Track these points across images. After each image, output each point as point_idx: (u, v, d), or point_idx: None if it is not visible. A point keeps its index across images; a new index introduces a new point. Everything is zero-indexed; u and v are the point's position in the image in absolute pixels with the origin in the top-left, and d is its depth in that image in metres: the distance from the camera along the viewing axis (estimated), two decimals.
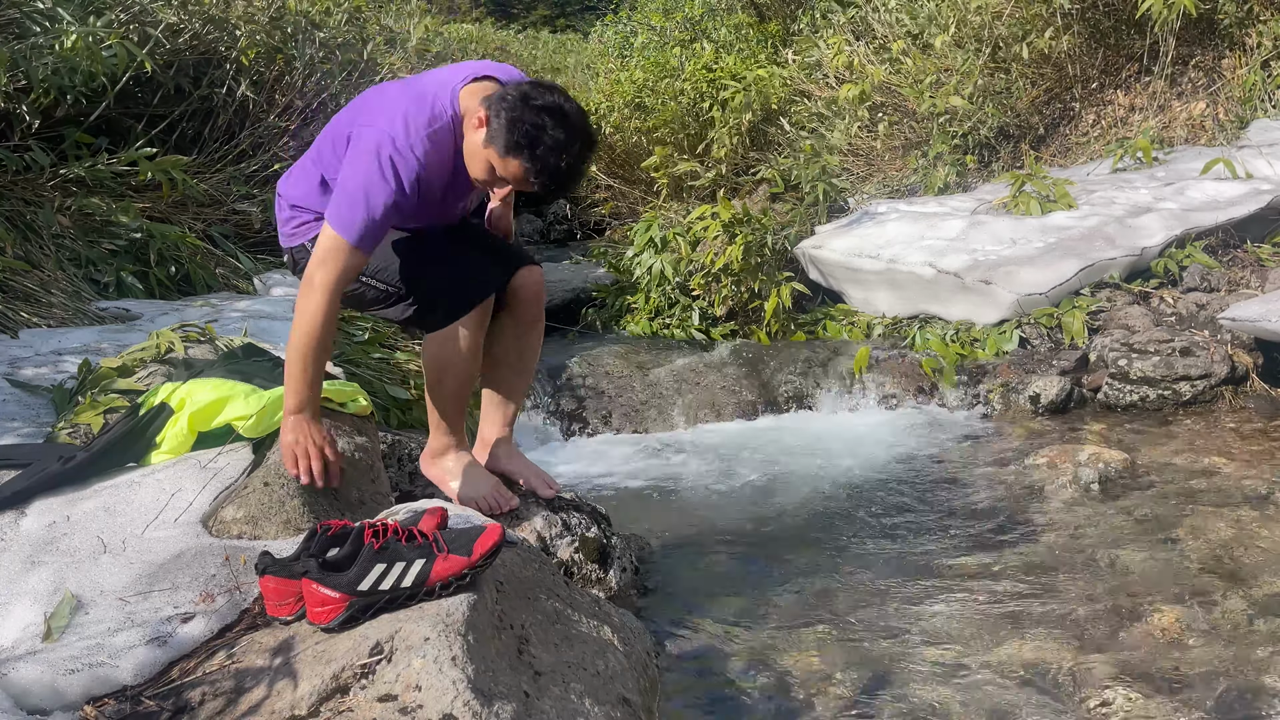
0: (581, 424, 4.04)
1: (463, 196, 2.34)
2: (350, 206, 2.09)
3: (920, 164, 6.10)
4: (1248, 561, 2.57)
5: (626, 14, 9.94)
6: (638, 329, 5.12)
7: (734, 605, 2.51)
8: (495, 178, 2.12)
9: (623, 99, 7.26)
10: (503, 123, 2.02)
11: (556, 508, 2.56)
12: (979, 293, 4.37)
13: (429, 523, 1.75)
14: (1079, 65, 6.24)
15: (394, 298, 2.35)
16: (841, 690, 2.10)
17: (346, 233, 2.08)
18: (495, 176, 2.11)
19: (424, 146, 2.10)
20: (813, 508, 3.15)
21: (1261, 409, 3.71)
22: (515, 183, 2.11)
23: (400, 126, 2.09)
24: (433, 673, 1.47)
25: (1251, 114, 5.63)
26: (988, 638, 2.29)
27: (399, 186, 2.08)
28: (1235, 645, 2.19)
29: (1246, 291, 4.29)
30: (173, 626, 1.68)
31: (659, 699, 2.01)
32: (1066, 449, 3.36)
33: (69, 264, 3.92)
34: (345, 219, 2.09)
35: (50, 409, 2.56)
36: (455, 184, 2.24)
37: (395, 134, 2.08)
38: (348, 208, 2.09)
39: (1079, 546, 2.73)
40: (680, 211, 6.37)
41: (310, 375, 2.10)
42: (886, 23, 6.73)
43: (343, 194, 2.11)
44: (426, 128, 2.11)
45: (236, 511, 2.00)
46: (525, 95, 2.04)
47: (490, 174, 2.11)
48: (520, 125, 2.01)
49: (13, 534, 1.91)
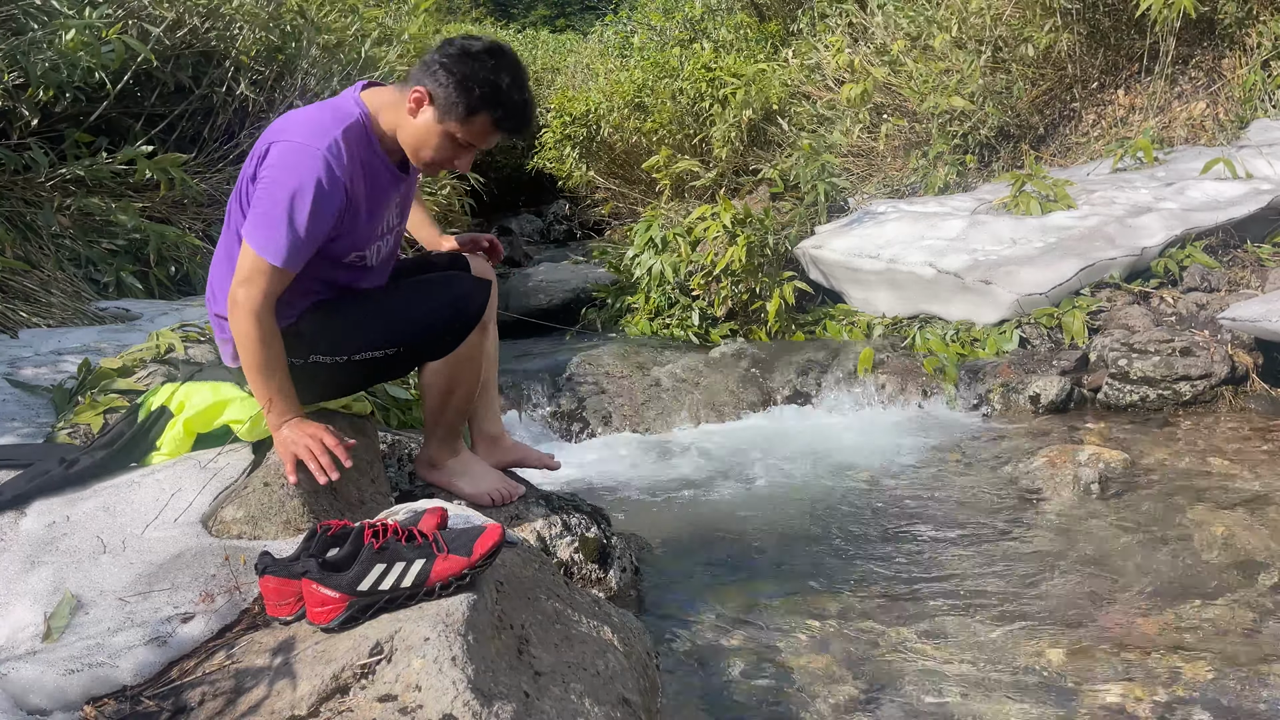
0: (581, 424, 4.04)
1: (385, 204, 2.20)
2: (271, 224, 1.98)
3: (920, 164, 6.10)
4: (1248, 561, 2.57)
5: (626, 14, 9.94)
6: (638, 329, 5.12)
7: (734, 605, 2.51)
8: (457, 150, 2.08)
9: (622, 99, 7.26)
10: (454, 86, 2.00)
11: (556, 508, 2.56)
12: (979, 293, 4.37)
13: (429, 523, 1.75)
14: (1079, 65, 6.24)
15: (398, 357, 2.24)
16: (841, 690, 2.10)
17: (270, 254, 1.99)
18: (457, 148, 2.08)
19: (340, 147, 2.01)
20: (813, 507, 3.15)
21: (1262, 409, 3.71)
22: (481, 139, 2.08)
23: (311, 132, 2.01)
24: (433, 673, 1.47)
25: (1251, 114, 5.63)
26: (988, 637, 2.29)
27: (318, 189, 1.98)
28: (1236, 645, 2.19)
29: (1246, 291, 4.29)
30: (172, 626, 1.68)
31: (659, 699, 2.01)
32: (1066, 449, 3.36)
33: (69, 264, 3.92)
34: (266, 238, 1.99)
35: (50, 409, 2.56)
36: (375, 190, 2.14)
37: (309, 140, 1.99)
38: (268, 226, 1.98)
39: (1079, 546, 2.73)
40: (680, 211, 6.37)
41: (277, 384, 2.06)
42: (885, 25, 6.73)
43: (262, 211, 2.00)
44: (337, 126, 2.03)
45: (236, 511, 2.00)
46: (464, 50, 2.02)
47: (449, 149, 2.08)
48: (475, 80, 2.00)
49: (13, 534, 1.91)
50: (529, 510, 2.50)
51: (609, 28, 10.37)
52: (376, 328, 2.20)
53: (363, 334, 2.19)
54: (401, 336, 2.21)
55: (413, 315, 2.22)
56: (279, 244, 1.99)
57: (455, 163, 2.13)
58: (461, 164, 2.14)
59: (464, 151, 2.10)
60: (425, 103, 2.04)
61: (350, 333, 2.19)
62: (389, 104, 2.10)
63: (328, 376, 2.23)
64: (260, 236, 1.99)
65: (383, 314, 2.21)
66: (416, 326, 2.22)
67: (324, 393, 2.31)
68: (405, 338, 2.21)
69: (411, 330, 2.22)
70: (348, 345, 2.20)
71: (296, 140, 2.00)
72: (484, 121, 2.04)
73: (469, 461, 2.45)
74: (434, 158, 2.10)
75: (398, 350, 2.22)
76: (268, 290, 2.01)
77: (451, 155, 2.10)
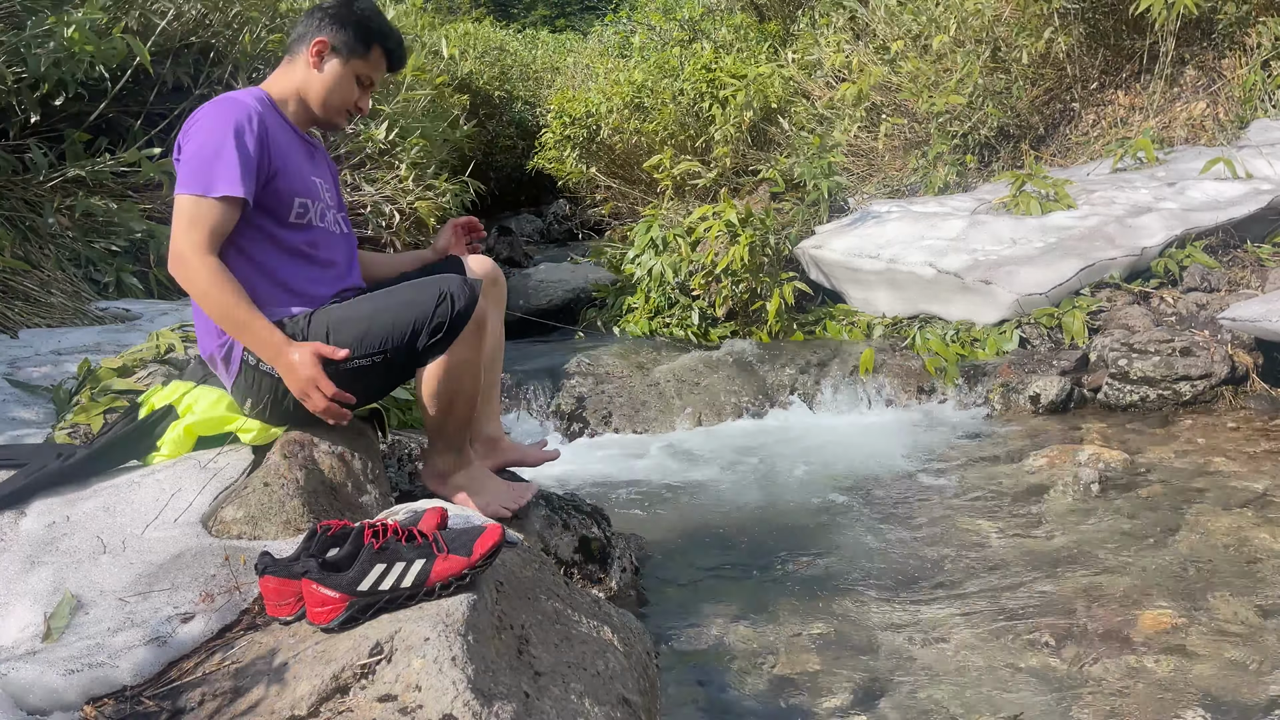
0: (581, 424, 4.04)
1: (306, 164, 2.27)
2: (199, 165, 2.03)
3: (920, 164, 6.10)
4: (1248, 561, 2.57)
5: (626, 14, 9.94)
6: (638, 329, 5.12)
7: (734, 605, 2.51)
8: (360, 90, 2.30)
9: (621, 99, 7.26)
10: (351, 28, 2.25)
11: (556, 508, 2.56)
12: (979, 293, 4.37)
13: (429, 523, 1.75)
14: (1079, 65, 6.24)
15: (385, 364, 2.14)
16: (841, 690, 2.10)
17: (200, 187, 2.02)
18: (359, 88, 2.30)
19: (249, 98, 2.16)
20: (813, 507, 3.14)
21: (1262, 409, 3.71)
22: (377, 72, 2.32)
23: (219, 99, 2.15)
24: (433, 673, 1.47)
25: (1251, 114, 5.63)
26: (987, 637, 2.28)
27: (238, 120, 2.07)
28: (1236, 645, 2.19)
29: (1246, 291, 4.29)
30: (172, 626, 1.68)
31: (659, 699, 2.01)
32: (1066, 449, 3.36)
33: (69, 264, 3.92)
34: (193, 177, 2.03)
35: (50, 409, 2.56)
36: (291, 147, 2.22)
37: (219, 100, 2.14)
38: (195, 168, 2.04)
39: (1079, 546, 2.73)
40: (681, 211, 6.37)
41: (258, 319, 2.06)
42: (885, 21, 6.73)
43: (189, 161, 2.06)
44: (244, 92, 2.20)
45: (236, 511, 2.00)
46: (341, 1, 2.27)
47: (354, 89, 2.28)
48: (365, 18, 2.27)
49: (13, 534, 1.91)
50: (529, 510, 2.49)
51: (608, 28, 10.37)
52: (357, 335, 2.12)
53: (345, 342, 2.12)
54: (383, 342, 2.11)
55: (392, 318, 2.13)
56: (207, 175, 2.04)
57: (358, 104, 2.32)
58: (363, 103, 2.34)
59: (364, 91, 2.32)
60: (326, 51, 2.25)
61: (334, 341, 2.12)
62: (278, 75, 2.29)
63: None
64: (189, 180, 2.04)
65: (363, 320, 2.13)
66: (397, 330, 2.11)
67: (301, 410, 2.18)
68: (387, 343, 2.11)
69: (391, 334, 2.12)
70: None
71: (213, 101, 2.15)
72: (379, 53, 2.30)
73: (477, 474, 2.34)
74: (343, 101, 2.28)
75: (382, 356, 2.12)
76: (209, 228, 2.03)
77: (356, 96, 2.30)
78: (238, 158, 2.04)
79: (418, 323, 2.09)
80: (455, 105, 7.28)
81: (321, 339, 2.12)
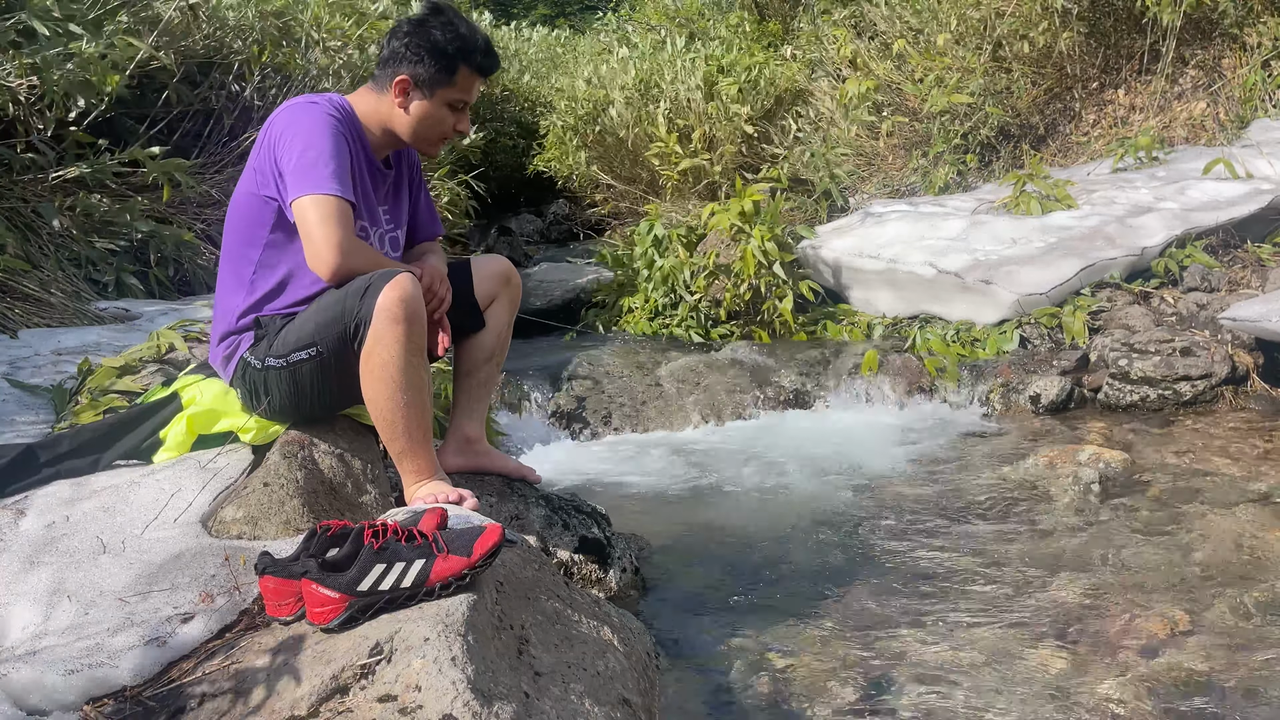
0: (581, 424, 4.04)
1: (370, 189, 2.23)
2: (310, 165, 2.01)
3: (921, 164, 6.10)
4: (1248, 561, 2.57)
5: (626, 12, 9.94)
6: (638, 329, 5.12)
7: (734, 605, 2.51)
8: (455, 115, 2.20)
9: (622, 97, 7.25)
10: (429, 58, 2.12)
11: (556, 508, 2.56)
12: (979, 293, 4.37)
13: (429, 523, 1.75)
14: (1080, 65, 6.24)
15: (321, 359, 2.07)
16: (842, 690, 2.10)
17: (326, 187, 2.00)
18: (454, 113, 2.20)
19: (336, 107, 2.13)
20: (813, 508, 3.14)
21: (1262, 409, 3.71)
22: (469, 92, 2.19)
23: (308, 100, 2.12)
24: (433, 673, 1.47)
25: (1252, 114, 5.63)
26: (988, 638, 2.28)
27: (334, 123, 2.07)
28: (1236, 645, 2.19)
29: (1247, 291, 4.29)
30: (172, 627, 1.67)
31: (659, 699, 2.01)
32: (1067, 449, 3.36)
33: (69, 264, 3.91)
34: (314, 178, 2.00)
35: (50, 409, 2.56)
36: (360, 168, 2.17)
37: (309, 102, 2.11)
38: (309, 168, 2.01)
39: (1079, 546, 2.73)
40: (682, 210, 6.37)
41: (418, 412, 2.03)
42: (887, 17, 6.72)
43: (295, 162, 2.02)
44: (326, 98, 2.15)
45: (236, 511, 2.00)
46: (414, 25, 2.13)
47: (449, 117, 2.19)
48: (442, 42, 2.11)
49: (12, 534, 1.91)
50: (529, 510, 2.49)
51: (608, 27, 10.36)
52: (300, 326, 2.09)
53: (295, 335, 2.09)
54: (313, 333, 2.06)
55: (316, 308, 2.08)
56: (326, 175, 2.02)
57: (458, 128, 2.24)
58: (462, 125, 2.24)
59: (460, 114, 2.22)
60: (409, 87, 2.14)
61: (289, 335, 2.09)
62: (365, 96, 2.20)
63: (290, 387, 2.12)
64: (308, 181, 2.01)
65: (309, 313, 2.10)
66: (315, 319, 2.06)
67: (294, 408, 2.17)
68: (317, 335, 2.06)
69: (312, 326, 2.06)
70: (285, 347, 2.10)
71: (298, 102, 2.12)
72: (466, 73, 2.16)
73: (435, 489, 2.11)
74: (440, 132, 2.21)
75: (317, 350, 2.06)
76: (342, 227, 2.01)
77: (453, 122, 2.21)
78: (338, 164, 2.04)
79: (341, 316, 2.02)
80: None
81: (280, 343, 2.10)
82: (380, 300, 1.94)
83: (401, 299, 1.94)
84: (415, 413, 2.03)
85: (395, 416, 2.02)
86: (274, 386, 2.13)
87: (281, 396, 2.14)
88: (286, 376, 2.11)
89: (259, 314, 2.17)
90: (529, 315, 5.33)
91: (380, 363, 1.97)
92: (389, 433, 2.05)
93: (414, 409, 2.02)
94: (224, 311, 2.21)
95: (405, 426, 2.03)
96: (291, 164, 2.03)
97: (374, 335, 1.96)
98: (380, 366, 1.97)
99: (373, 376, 1.99)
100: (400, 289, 1.95)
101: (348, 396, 2.14)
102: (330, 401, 2.22)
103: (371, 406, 2.04)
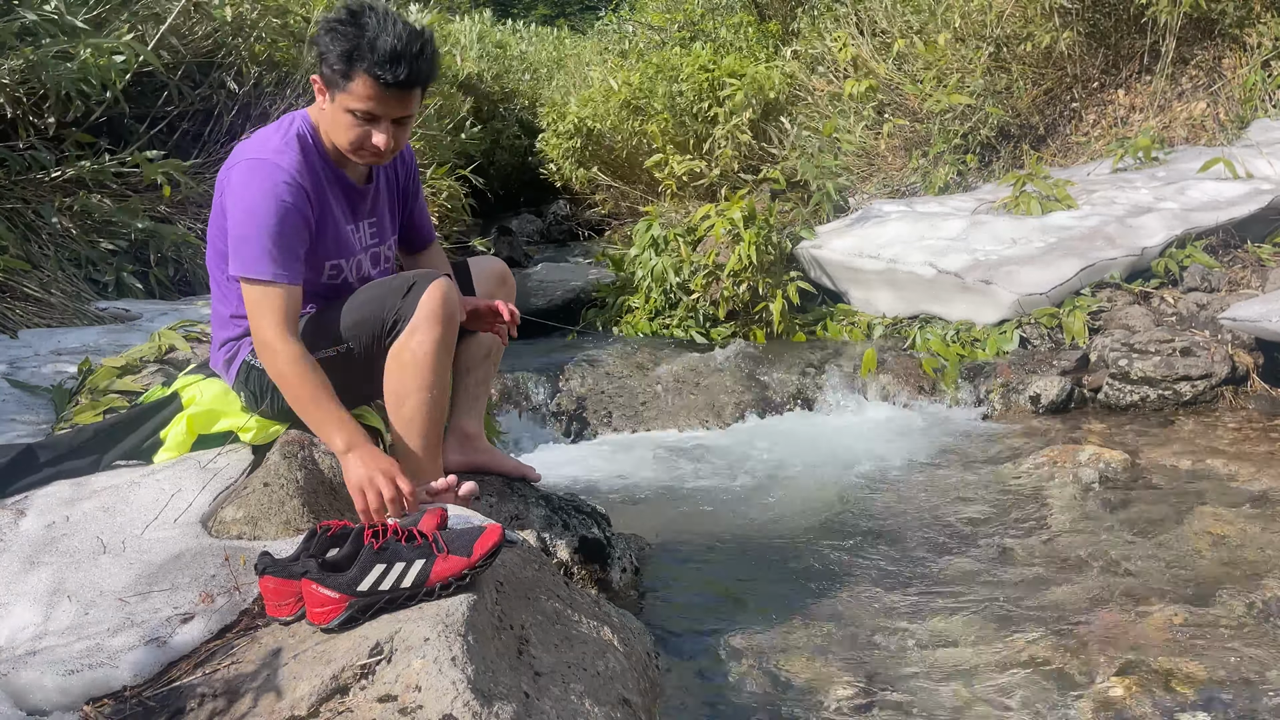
0: (581, 424, 4.04)
1: (347, 215, 2.18)
2: (250, 243, 1.97)
3: (921, 164, 6.10)
4: (1248, 561, 2.57)
5: (626, 13, 9.94)
6: (638, 329, 5.12)
7: (734, 605, 2.51)
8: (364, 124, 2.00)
9: (621, 98, 7.25)
10: (332, 59, 1.94)
11: (556, 508, 2.56)
12: (979, 293, 4.37)
13: (429, 523, 1.75)
14: (1080, 64, 6.24)
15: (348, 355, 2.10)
16: (842, 690, 2.10)
17: (263, 273, 1.96)
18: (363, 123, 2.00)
19: (290, 155, 2.03)
20: (813, 508, 3.14)
21: (1262, 409, 3.71)
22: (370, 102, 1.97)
23: (260, 147, 2.04)
24: (433, 673, 1.47)
25: (1252, 114, 5.63)
26: (988, 638, 2.28)
27: (282, 197, 1.98)
28: (1236, 645, 2.19)
29: (1247, 291, 4.29)
30: (172, 627, 1.68)
31: (659, 699, 2.01)
32: (1067, 449, 3.36)
33: (69, 264, 3.92)
34: (252, 260, 1.97)
35: (50, 409, 2.56)
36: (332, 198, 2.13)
37: (260, 155, 2.02)
38: (248, 246, 1.97)
39: (1079, 546, 2.73)
40: (681, 211, 6.37)
41: (332, 413, 1.94)
42: (889, 15, 6.72)
43: (238, 235, 1.99)
44: (282, 134, 2.06)
45: (236, 512, 2.00)
46: (327, 23, 1.97)
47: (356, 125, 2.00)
48: (340, 43, 1.93)
49: (12, 534, 1.91)
50: (529, 510, 2.49)
51: (607, 27, 10.36)
52: (326, 324, 2.11)
53: (319, 332, 2.11)
54: (341, 331, 2.09)
55: (351, 306, 2.10)
56: (263, 260, 1.96)
57: (374, 140, 2.03)
58: (379, 140, 2.03)
59: (372, 124, 2.01)
60: (321, 88, 2.03)
61: (312, 334, 2.10)
62: (318, 111, 2.09)
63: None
64: (247, 262, 1.97)
65: (334, 310, 2.12)
66: (350, 317, 2.08)
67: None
68: (344, 332, 2.09)
69: (346, 322, 2.09)
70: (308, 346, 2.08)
71: (249, 158, 2.02)
72: (363, 80, 1.94)
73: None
74: (349, 140, 2.03)
75: (348, 348, 2.09)
76: (281, 311, 1.97)
77: (363, 132, 2.02)
78: (277, 247, 1.97)
79: (368, 316, 2.04)
80: (462, 108, 7.27)
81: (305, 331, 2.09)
82: (425, 297, 1.99)
83: (444, 299, 2.00)
84: (435, 413, 2.06)
85: (417, 413, 2.04)
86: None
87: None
88: None
89: None
90: (529, 315, 5.32)
91: (413, 356, 2.00)
92: (407, 428, 2.05)
93: (436, 408, 2.05)
94: (220, 318, 2.22)
95: (423, 425, 2.05)
96: (236, 235, 2.01)
97: (411, 329, 2.00)
98: (413, 359, 2.00)
99: (403, 369, 2.01)
100: (443, 289, 2.01)
101: (356, 396, 2.15)
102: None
103: (396, 400, 2.05)
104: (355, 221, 2.21)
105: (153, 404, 2.29)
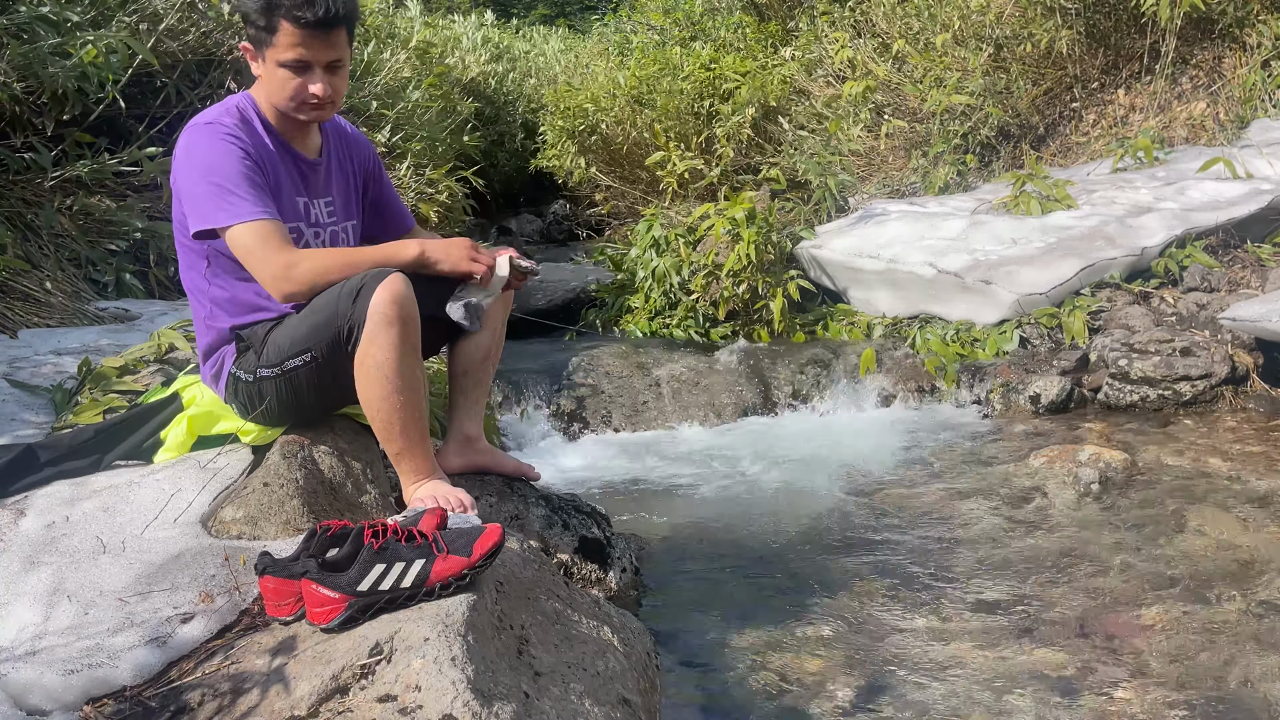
0: (582, 424, 4.04)
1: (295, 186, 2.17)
2: (216, 195, 1.97)
3: (921, 164, 6.10)
4: (1248, 561, 2.57)
5: (626, 13, 9.94)
6: (638, 329, 5.12)
7: (734, 605, 2.51)
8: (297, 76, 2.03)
9: (622, 97, 7.25)
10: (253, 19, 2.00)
11: (556, 508, 2.56)
12: (979, 293, 4.37)
13: (429, 523, 1.75)
14: (1080, 65, 6.24)
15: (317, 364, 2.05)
16: (842, 690, 2.10)
17: (237, 215, 1.97)
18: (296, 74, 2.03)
19: (225, 117, 2.06)
20: (813, 508, 3.14)
21: (1262, 409, 3.71)
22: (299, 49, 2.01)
23: (192, 121, 2.08)
24: (432, 673, 1.47)
25: (1252, 114, 5.63)
26: (988, 637, 2.28)
27: (230, 142, 2.01)
28: (1236, 645, 2.19)
29: (1247, 291, 4.29)
30: (172, 627, 1.67)
31: (659, 699, 2.01)
32: (1067, 449, 3.36)
33: (69, 264, 3.92)
34: (224, 208, 1.97)
35: (50, 409, 2.56)
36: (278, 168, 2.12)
37: (191, 124, 2.07)
38: (215, 198, 1.97)
39: (1079, 546, 2.73)
40: (682, 211, 6.37)
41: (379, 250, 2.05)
42: (886, 18, 6.72)
43: (200, 196, 1.99)
44: (219, 108, 2.10)
45: (236, 511, 2.00)
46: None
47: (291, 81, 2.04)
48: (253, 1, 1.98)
49: (12, 534, 1.91)
50: (529, 510, 2.49)
51: (608, 27, 10.36)
52: (287, 333, 2.08)
53: (282, 343, 2.08)
54: (307, 338, 2.04)
55: (306, 312, 2.05)
56: (237, 204, 1.98)
57: (311, 90, 2.06)
58: (316, 88, 2.06)
59: (305, 75, 2.05)
60: (250, 55, 2.08)
61: (280, 342, 2.08)
62: (258, 86, 2.14)
63: (287, 393, 2.10)
64: (221, 213, 1.98)
65: (292, 319, 2.09)
66: (306, 324, 2.04)
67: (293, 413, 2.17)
68: (311, 339, 2.03)
69: (304, 330, 2.04)
70: (278, 355, 2.08)
71: (195, 126, 2.07)
72: (286, 28, 1.99)
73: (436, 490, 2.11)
74: (287, 96, 2.06)
75: (312, 355, 2.04)
76: (276, 236, 1.99)
77: (299, 84, 2.05)
78: (252, 183, 2.00)
79: (333, 319, 1.99)
80: (464, 110, 7.26)
81: (271, 351, 2.08)
82: (373, 302, 1.92)
83: (394, 299, 1.92)
84: (412, 413, 2.02)
85: (392, 417, 2.01)
86: (269, 395, 2.11)
87: (279, 404, 2.12)
88: (283, 384, 2.09)
89: (238, 329, 2.17)
90: (529, 315, 5.33)
91: (375, 364, 1.95)
92: (386, 434, 2.04)
93: (410, 409, 2.01)
94: (200, 324, 2.22)
95: (402, 427, 2.02)
96: (195, 196, 2.01)
97: (368, 337, 1.94)
98: (375, 368, 1.96)
99: (368, 378, 1.98)
100: (392, 289, 1.93)
101: (345, 397, 2.13)
102: (328, 403, 2.22)
103: (367, 408, 2.03)
104: (310, 197, 2.20)
105: (153, 404, 2.29)
